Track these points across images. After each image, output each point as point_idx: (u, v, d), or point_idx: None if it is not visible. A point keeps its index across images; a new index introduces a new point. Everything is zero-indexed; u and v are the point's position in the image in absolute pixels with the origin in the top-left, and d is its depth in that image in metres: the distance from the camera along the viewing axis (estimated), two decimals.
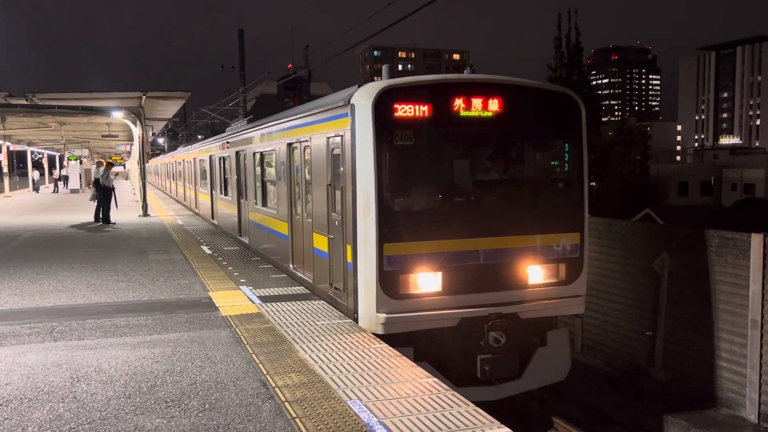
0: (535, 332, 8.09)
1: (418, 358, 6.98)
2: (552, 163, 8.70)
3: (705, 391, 8.94)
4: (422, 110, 7.28)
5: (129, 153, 53.73)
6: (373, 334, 7.21)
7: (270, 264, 12.15)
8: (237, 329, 7.54)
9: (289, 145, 10.31)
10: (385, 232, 7.19)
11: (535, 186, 8.62)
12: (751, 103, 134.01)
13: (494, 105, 7.63)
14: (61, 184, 49.74)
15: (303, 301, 8.95)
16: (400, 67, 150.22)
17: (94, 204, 21.88)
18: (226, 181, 17.48)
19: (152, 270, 11.84)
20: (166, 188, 41.56)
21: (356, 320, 7.60)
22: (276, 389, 5.53)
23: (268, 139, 12.02)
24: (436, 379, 5.70)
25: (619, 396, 9.75)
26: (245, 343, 6.97)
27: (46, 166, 61.57)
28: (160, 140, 71.22)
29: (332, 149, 8.20)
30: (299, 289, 9.83)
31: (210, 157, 20.15)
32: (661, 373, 9.55)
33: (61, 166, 58.52)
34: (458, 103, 7.50)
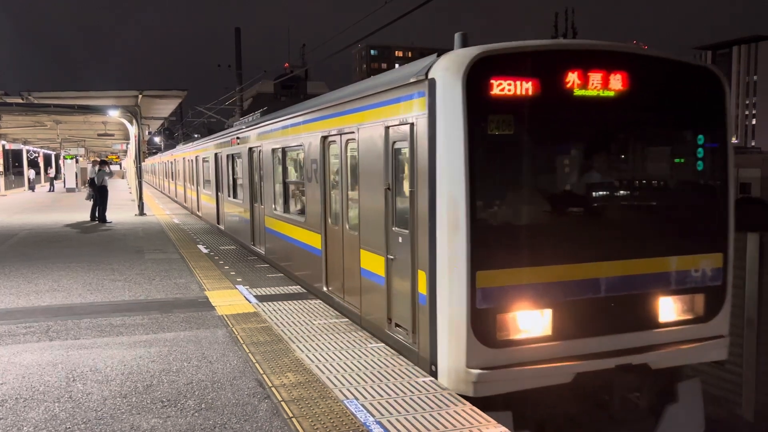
0: (663, 386, 6.21)
1: (518, 426, 5.53)
2: (690, 161, 6.48)
3: None
4: (526, 87, 5.47)
5: (125, 152, 53.61)
6: (460, 395, 5.42)
7: (296, 283, 10.23)
8: (233, 329, 7.53)
9: (324, 138, 8.53)
10: (481, 256, 5.37)
11: (668, 192, 6.52)
12: (747, 102, 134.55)
13: (617, 82, 5.80)
14: (57, 183, 49.66)
15: (299, 301, 8.94)
16: (396, 66, 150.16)
17: (90, 203, 21.86)
18: (235, 182, 15.70)
19: (148, 269, 11.82)
20: (165, 189, 40.84)
21: (433, 374, 5.72)
22: (272, 389, 5.52)
23: (293, 132, 10.17)
24: (432, 378, 5.70)
25: None
26: (242, 342, 6.96)
27: (41, 165, 61.40)
28: (157, 139, 71.08)
29: (393, 142, 6.47)
30: (296, 289, 9.82)
31: (216, 155, 18.27)
32: None
33: (57, 168, 58.38)
34: (572, 78, 5.65)
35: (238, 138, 14.85)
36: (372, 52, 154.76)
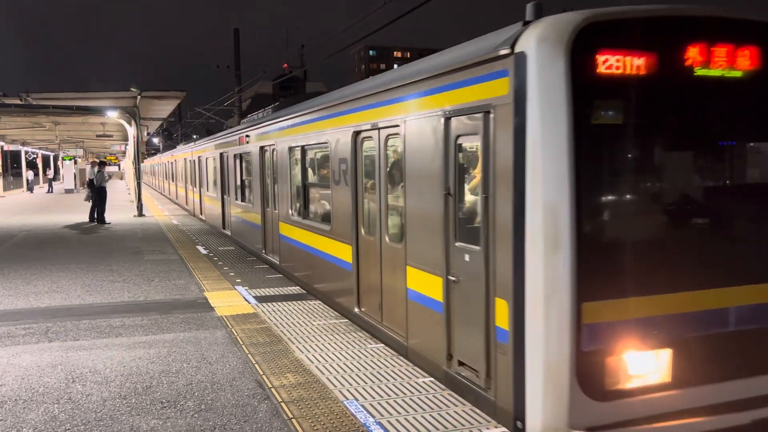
0: None
1: None
2: None
3: None
4: (638, 65, 4.34)
5: (124, 153, 53.59)
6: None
7: (316, 298, 9.15)
8: (233, 329, 7.52)
9: (357, 134, 7.41)
10: (589, 282, 4.21)
11: None
12: None
13: (746, 59, 4.63)
14: (56, 184, 49.65)
15: (299, 301, 8.93)
16: (395, 67, 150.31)
17: (89, 204, 21.86)
18: (243, 184, 14.55)
19: (147, 270, 11.81)
20: (166, 191, 40.33)
21: (519, 431, 4.55)
22: (272, 389, 5.52)
23: (315, 127, 9.00)
24: (432, 378, 5.69)
25: None
26: (241, 343, 6.95)
27: (40, 166, 61.38)
28: (155, 140, 71.06)
29: (457, 136, 5.27)
30: (295, 289, 9.81)
31: (221, 155, 17.06)
32: None
33: (56, 169, 58.36)
34: (692, 54, 4.49)
35: (247, 136, 13.70)
36: (371, 52, 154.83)
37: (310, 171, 10.12)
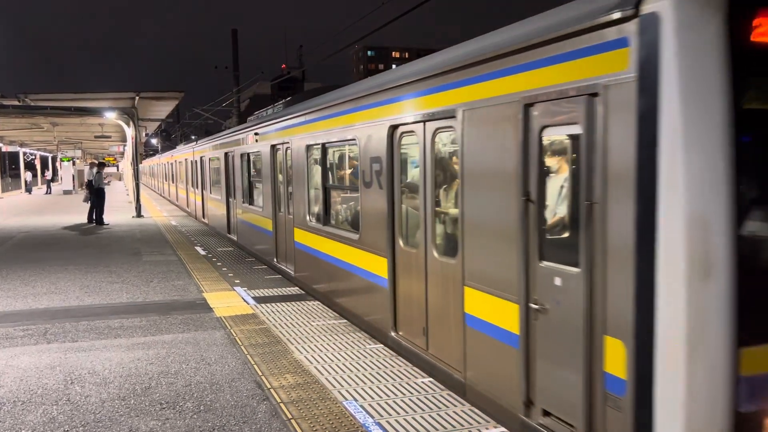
0: None
1: None
2: None
3: None
4: None
5: (122, 154, 53.57)
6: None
7: (342, 316, 8.13)
8: (232, 330, 7.52)
9: (394, 128, 6.48)
10: (751, 321, 3.29)
11: None
12: None
13: None
14: (54, 185, 49.66)
15: (298, 302, 8.93)
16: (393, 67, 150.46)
17: (87, 205, 21.84)
18: (252, 186, 13.56)
19: (146, 271, 11.80)
20: (166, 193, 39.73)
21: None
22: (271, 390, 5.51)
23: (339, 122, 8.04)
24: (431, 379, 5.69)
25: None
26: (240, 344, 6.95)
27: (38, 167, 61.34)
28: (154, 141, 71.04)
29: (543, 127, 4.27)
30: (294, 290, 9.80)
31: (226, 155, 16.14)
32: None
33: (54, 170, 58.32)
34: None
35: (256, 134, 12.49)
36: (369, 53, 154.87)
37: (332, 171, 9.25)
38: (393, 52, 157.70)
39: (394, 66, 10.76)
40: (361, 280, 7.51)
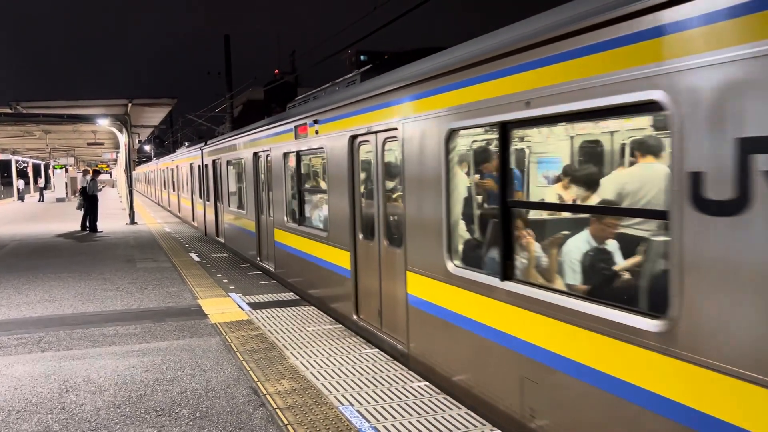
0: None
1: None
2: None
3: None
4: None
5: (115, 161, 53.43)
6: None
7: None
8: (227, 336, 7.51)
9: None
10: None
11: None
12: None
13: None
14: (47, 193, 49.48)
15: (293, 308, 8.92)
16: None
17: (81, 213, 21.78)
18: (302, 196, 10.16)
19: (140, 278, 11.77)
20: (157, 199, 39.32)
21: None
22: (267, 396, 5.51)
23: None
24: (427, 383, 5.70)
25: None
26: (235, 350, 6.94)
27: (31, 175, 61.10)
28: (147, 147, 70.89)
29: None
30: (289, 296, 9.80)
31: (257, 155, 13.58)
32: None
33: (46, 178, 58.11)
34: None
35: (315, 122, 8.71)
36: (362, 57, 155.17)
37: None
38: (386, 57, 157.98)
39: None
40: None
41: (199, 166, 20.46)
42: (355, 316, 7.62)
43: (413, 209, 5.99)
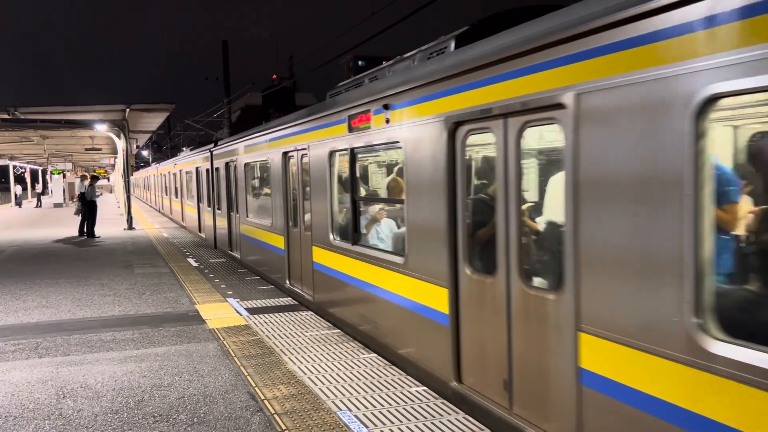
0: None
1: None
2: None
3: None
4: None
5: (113, 166, 53.42)
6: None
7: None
8: (225, 342, 7.50)
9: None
10: None
11: None
12: None
13: None
14: (44, 198, 49.43)
15: (290, 313, 8.92)
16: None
17: (78, 218, 21.75)
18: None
19: (138, 284, 11.75)
20: (156, 204, 38.69)
21: None
22: (265, 401, 5.50)
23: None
24: (425, 388, 5.70)
25: None
26: (233, 355, 6.93)
27: (28, 180, 61.07)
28: (145, 152, 70.88)
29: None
30: (287, 301, 9.79)
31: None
32: None
33: (44, 183, 58.05)
34: None
35: (386, 107, 6.44)
36: (360, 63, 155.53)
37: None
38: (383, 62, 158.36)
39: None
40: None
41: (207, 170, 18.09)
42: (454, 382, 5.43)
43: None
